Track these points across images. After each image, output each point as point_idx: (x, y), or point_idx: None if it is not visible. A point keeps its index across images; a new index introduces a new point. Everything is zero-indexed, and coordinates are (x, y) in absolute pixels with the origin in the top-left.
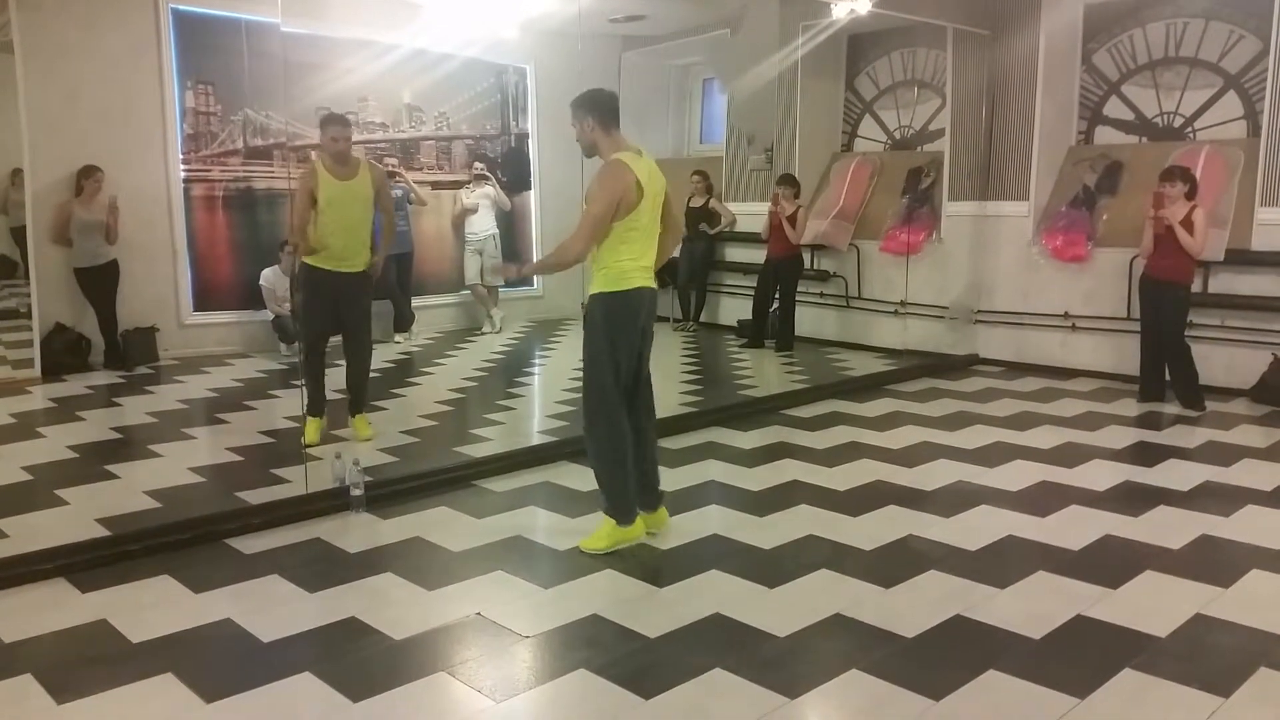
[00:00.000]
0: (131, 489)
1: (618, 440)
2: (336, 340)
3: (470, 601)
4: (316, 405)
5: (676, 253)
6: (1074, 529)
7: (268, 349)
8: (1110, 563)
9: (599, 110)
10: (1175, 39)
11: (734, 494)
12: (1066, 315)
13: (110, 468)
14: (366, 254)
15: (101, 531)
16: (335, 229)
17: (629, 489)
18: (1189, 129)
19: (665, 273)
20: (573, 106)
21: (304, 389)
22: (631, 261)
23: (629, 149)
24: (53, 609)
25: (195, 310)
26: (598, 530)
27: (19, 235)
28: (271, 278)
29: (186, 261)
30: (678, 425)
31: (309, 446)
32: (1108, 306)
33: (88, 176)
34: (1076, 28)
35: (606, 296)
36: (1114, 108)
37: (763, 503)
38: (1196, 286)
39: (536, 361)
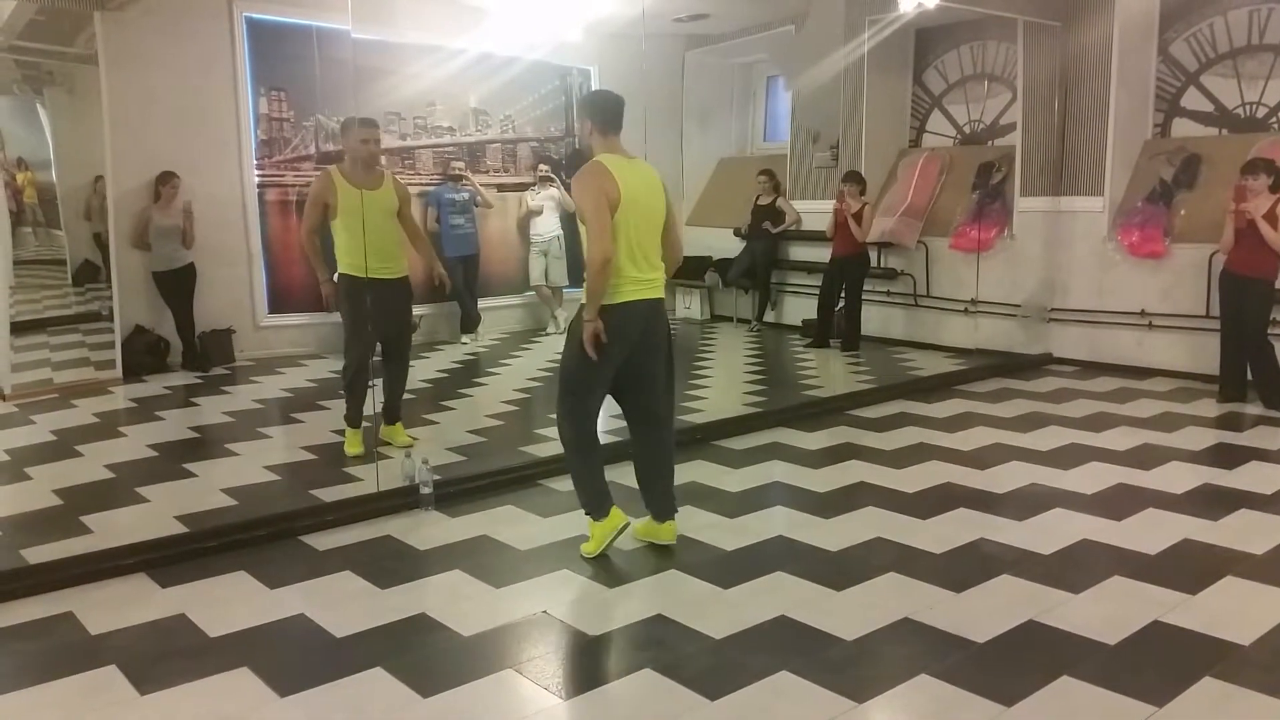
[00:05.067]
0: (209, 487)
1: (580, 442)
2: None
3: (537, 599)
4: (356, 418)
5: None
6: (1151, 533)
7: (340, 350)
8: (1189, 567)
9: (600, 114)
10: (1259, 26)
11: (799, 495)
12: (1143, 313)
13: (188, 466)
14: (401, 260)
15: (180, 528)
16: (354, 238)
17: (594, 485)
18: (1273, 119)
19: (718, 270)
20: (577, 107)
21: (345, 400)
22: (622, 274)
23: (620, 154)
24: (135, 603)
25: (270, 312)
26: (590, 534)
27: (101, 240)
28: None
29: (261, 265)
30: (742, 426)
31: (353, 457)
32: (1186, 304)
33: (165, 182)
34: (1152, 17)
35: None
36: (1192, 99)
37: (829, 504)
38: None
39: None
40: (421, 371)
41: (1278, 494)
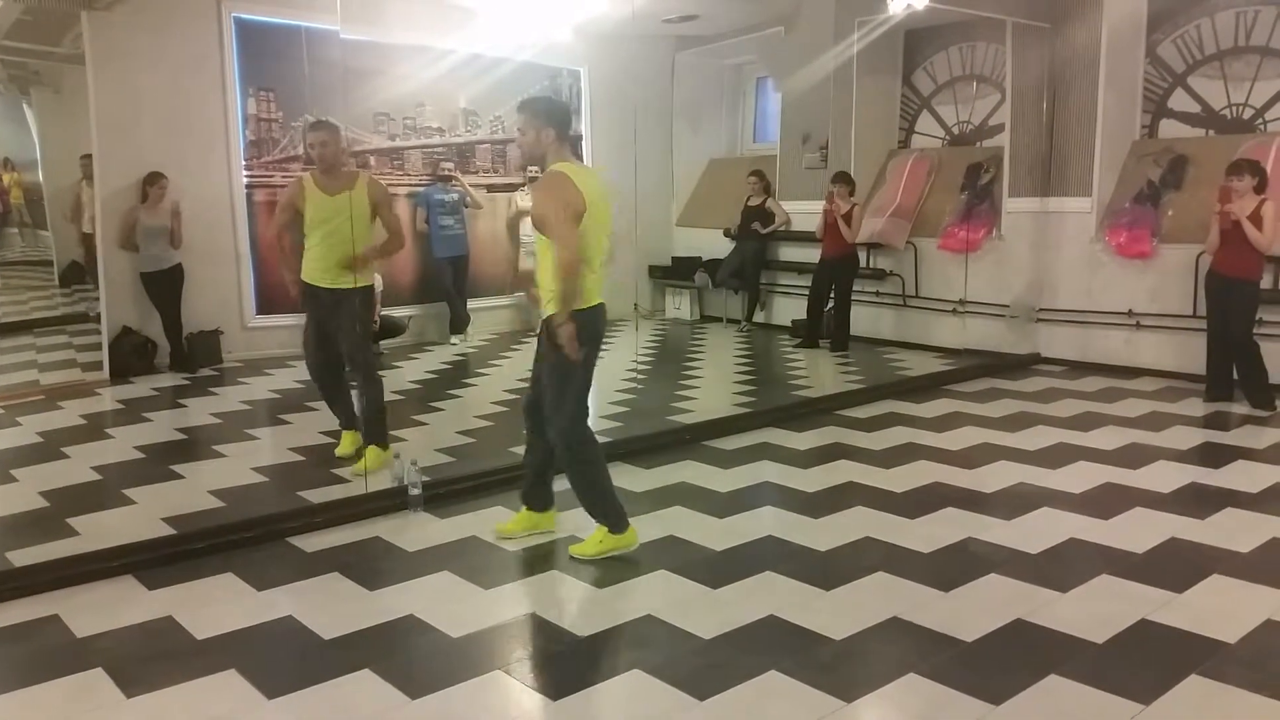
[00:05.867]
0: (196, 488)
1: (596, 454)
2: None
3: (525, 601)
4: (347, 420)
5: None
6: (1138, 532)
7: None
8: (1176, 566)
9: (560, 123)
10: (1246, 28)
11: (789, 495)
12: (1131, 313)
13: (176, 468)
14: (368, 269)
15: (167, 530)
16: (323, 246)
17: (611, 494)
18: (1259, 121)
19: (708, 270)
20: (530, 113)
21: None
22: (588, 278)
23: (575, 162)
24: (121, 605)
25: (258, 314)
26: (590, 537)
27: (88, 241)
28: None
29: (249, 266)
30: (731, 426)
31: (341, 458)
32: (1173, 304)
33: (152, 183)
34: (1140, 18)
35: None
36: (1179, 100)
37: (818, 504)
38: (1266, 283)
39: None
40: (411, 372)
41: (1264, 493)
